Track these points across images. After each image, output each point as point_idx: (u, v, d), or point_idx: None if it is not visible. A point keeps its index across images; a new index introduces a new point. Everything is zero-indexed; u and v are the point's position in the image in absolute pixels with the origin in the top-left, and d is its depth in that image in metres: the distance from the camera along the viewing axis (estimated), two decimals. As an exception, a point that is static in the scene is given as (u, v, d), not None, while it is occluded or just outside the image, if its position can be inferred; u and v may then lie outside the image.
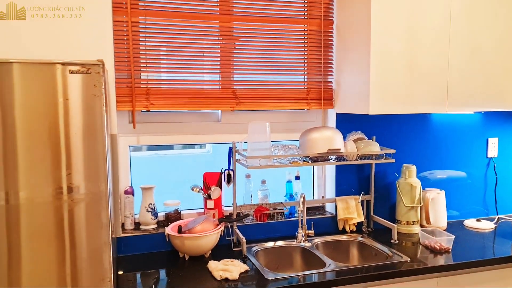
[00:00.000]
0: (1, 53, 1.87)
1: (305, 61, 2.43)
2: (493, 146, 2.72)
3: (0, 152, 1.47)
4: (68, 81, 1.52)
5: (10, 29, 1.89)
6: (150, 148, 3.33)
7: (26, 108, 1.49)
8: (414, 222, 2.40)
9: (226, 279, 1.83)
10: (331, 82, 2.48)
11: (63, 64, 1.51)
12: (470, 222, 2.56)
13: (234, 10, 2.28)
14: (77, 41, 1.97)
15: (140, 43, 2.15)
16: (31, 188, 1.51)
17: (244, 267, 1.91)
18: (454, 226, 2.52)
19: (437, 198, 2.46)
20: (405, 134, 2.56)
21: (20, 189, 1.51)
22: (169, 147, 3.53)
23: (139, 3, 2.13)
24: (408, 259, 2.02)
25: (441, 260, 2.02)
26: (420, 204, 2.40)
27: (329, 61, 2.47)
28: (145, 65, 2.17)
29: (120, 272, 1.95)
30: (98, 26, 1.99)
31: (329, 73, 2.47)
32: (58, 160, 1.53)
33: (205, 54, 2.28)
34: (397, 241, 2.27)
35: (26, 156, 1.50)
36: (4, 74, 1.46)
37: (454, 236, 2.15)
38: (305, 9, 2.39)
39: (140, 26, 2.14)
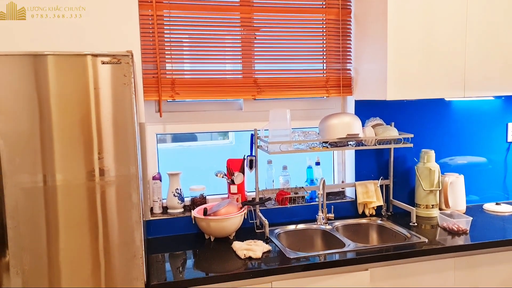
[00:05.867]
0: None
1: (324, 49, 2.49)
2: (513, 131, 2.73)
3: (37, 138, 1.59)
4: (98, 71, 1.62)
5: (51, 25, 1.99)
6: (175, 139, 3.45)
7: (60, 97, 1.60)
8: (433, 205, 2.44)
9: (250, 258, 1.93)
10: (349, 69, 2.53)
11: (95, 55, 1.62)
12: (489, 206, 2.58)
13: (254, 1, 2.36)
14: (107, 35, 2.08)
15: (165, 35, 2.25)
16: (66, 171, 1.63)
17: (266, 247, 2.01)
18: (473, 210, 2.55)
19: (456, 182, 2.49)
20: (424, 120, 2.60)
21: (56, 172, 1.63)
22: (193, 138, 3.65)
23: (164, -3, 2.23)
24: (426, 240, 2.07)
25: (458, 241, 2.06)
26: (439, 188, 2.44)
27: (348, 49, 2.52)
28: (170, 57, 2.28)
29: (150, 254, 2.07)
30: (126, 20, 2.10)
31: (347, 61, 2.53)
32: (90, 145, 1.65)
33: (227, 45, 2.37)
34: (416, 224, 2.32)
35: (61, 141, 1.62)
36: (40, 66, 1.57)
37: (471, 218, 2.19)
38: (323, -1, 2.45)
39: (164, 19, 2.25)
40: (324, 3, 2.46)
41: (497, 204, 2.59)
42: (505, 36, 2.30)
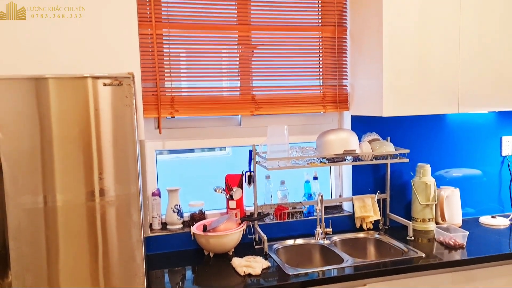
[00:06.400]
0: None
1: (321, 66, 2.53)
2: (507, 145, 2.77)
3: (38, 159, 1.61)
4: (99, 93, 1.65)
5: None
6: (172, 151, 3.47)
7: (61, 119, 1.63)
8: (429, 219, 2.47)
9: (249, 275, 1.95)
10: (346, 85, 2.58)
11: (96, 77, 1.65)
12: (485, 219, 2.61)
13: (252, 20, 2.40)
14: (108, 55, 2.10)
15: (164, 54, 2.29)
16: (66, 192, 1.65)
17: (266, 263, 2.03)
18: (470, 223, 2.58)
19: (452, 196, 2.52)
20: (419, 134, 2.64)
21: (56, 192, 1.64)
22: (190, 149, 3.67)
23: (163, 17, 2.26)
24: (423, 255, 2.10)
25: (455, 256, 2.09)
26: (435, 202, 2.48)
27: (344, 66, 2.56)
28: (169, 74, 2.31)
29: (149, 270, 2.09)
30: (126, 40, 2.13)
31: (343, 77, 2.57)
32: (91, 165, 1.67)
33: (225, 62, 2.40)
34: (413, 238, 2.35)
35: (62, 162, 1.64)
36: (41, 88, 1.60)
37: (468, 232, 2.22)
38: (320, 17, 2.50)
39: (163, 37, 2.28)
40: (320, 21, 2.50)
41: (492, 217, 2.62)
42: (497, 53, 2.35)
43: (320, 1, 2.49)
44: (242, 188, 2.40)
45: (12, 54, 2.02)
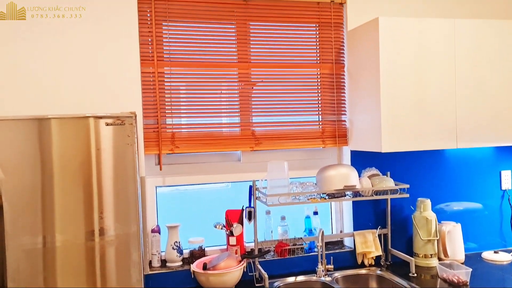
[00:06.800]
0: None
1: (319, 102, 2.57)
2: (506, 179, 2.77)
3: (39, 199, 1.62)
4: (101, 132, 1.67)
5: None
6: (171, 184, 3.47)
7: (63, 158, 1.64)
8: (431, 255, 2.45)
9: (250, 314, 1.91)
10: (344, 121, 2.60)
11: (98, 117, 1.67)
12: (487, 254, 2.59)
13: (252, 57, 2.45)
14: (111, 92, 2.15)
15: (166, 91, 2.32)
16: (66, 231, 1.64)
17: (267, 303, 1.99)
18: (472, 259, 2.56)
19: (453, 231, 2.51)
20: (419, 168, 2.65)
21: (56, 232, 1.64)
22: (190, 182, 3.67)
23: (164, 55, 2.31)
24: (427, 293, 2.07)
25: (459, 293, 2.07)
26: (437, 237, 2.46)
27: (342, 101, 2.60)
28: (170, 111, 2.34)
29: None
30: (129, 79, 2.18)
31: (342, 112, 2.60)
32: (91, 204, 1.67)
33: (225, 99, 2.44)
34: (415, 275, 2.32)
35: (62, 202, 1.64)
36: (44, 129, 1.62)
37: (471, 269, 2.19)
38: (318, 54, 2.55)
39: (165, 75, 2.32)
40: (318, 58, 2.56)
41: (495, 252, 2.60)
42: (493, 89, 2.38)
43: (318, 39, 2.55)
44: (242, 224, 2.39)
45: (16, 97, 2.05)
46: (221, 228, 2.38)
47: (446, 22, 2.31)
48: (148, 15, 2.27)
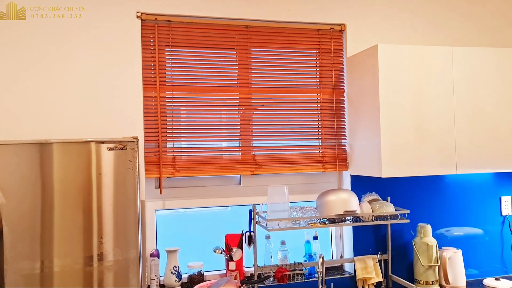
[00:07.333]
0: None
1: (319, 126, 2.59)
2: (506, 205, 2.77)
3: (38, 223, 1.61)
4: (103, 157, 1.68)
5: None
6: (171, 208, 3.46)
7: (64, 183, 1.65)
8: (432, 281, 2.43)
9: None
10: (344, 145, 2.62)
11: (100, 142, 1.68)
12: (489, 281, 2.56)
13: (252, 82, 2.49)
14: (113, 118, 2.16)
15: (167, 115, 2.34)
16: (64, 256, 1.63)
17: (266, 330, 1.97)
18: (474, 285, 2.53)
19: (454, 257, 2.49)
20: (419, 193, 2.65)
21: (54, 257, 1.63)
22: (190, 205, 3.66)
23: (167, 80, 2.34)
24: (428, 321, 2.04)
25: (461, 322, 2.04)
26: (438, 263, 2.44)
27: (342, 126, 2.62)
28: (171, 135, 2.35)
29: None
30: (131, 104, 2.20)
31: (342, 137, 2.62)
32: (90, 229, 1.67)
33: (226, 123, 2.46)
34: (416, 302, 2.30)
35: (62, 226, 1.64)
36: (45, 153, 1.63)
37: (473, 297, 2.17)
38: (318, 80, 2.59)
39: (167, 99, 2.35)
40: (318, 83, 2.59)
41: (496, 279, 2.57)
42: (491, 115, 2.40)
43: (318, 65, 2.59)
44: (242, 249, 2.38)
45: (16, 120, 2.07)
46: (221, 253, 2.36)
47: (444, 50, 2.35)
48: (151, 41, 2.31)
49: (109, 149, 1.67)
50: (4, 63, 2.04)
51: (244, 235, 2.38)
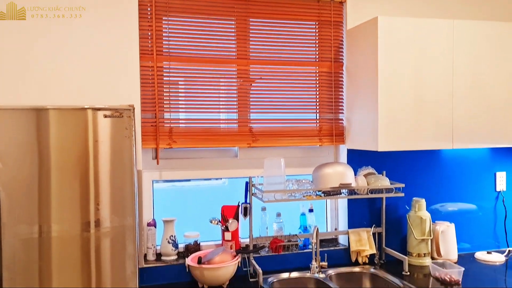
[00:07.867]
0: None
1: (317, 100, 2.58)
2: (501, 180, 2.79)
3: (35, 189, 1.63)
4: (99, 124, 1.68)
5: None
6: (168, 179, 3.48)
7: (60, 149, 1.65)
8: (425, 254, 2.47)
9: (244, 309, 1.92)
10: (342, 119, 2.62)
11: (96, 109, 1.68)
12: (481, 255, 2.61)
13: (251, 54, 2.46)
14: (110, 85, 2.15)
15: (164, 86, 2.33)
16: (62, 222, 1.65)
17: (260, 297, 2.01)
18: (465, 259, 2.58)
19: (447, 231, 2.53)
20: (415, 168, 2.66)
21: (52, 223, 1.65)
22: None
23: (164, 50, 2.32)
24: (419, 291, 2.09)
25: (451, 292, 2.08)
26: (431, 236, 2.48)
27: (340, 100, 2.61)
28: (168, 106, 2.34)
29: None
30: (128, 71, 2.18)
31: (340, 111, 2.61)
32: (87, 195, 1.68)
33: (223, 95, 2.45)
34: (408, 273, 2.34)
35: (59, 193, 1.65)
36: (42, 119, 1.63)
37: (463, 268, 2.21)
38: (317, 52, 2.56)
39: (164, 70, 2.33)
40: (317, 56, 2.57)
41: (488, 252, 2.62)
42: (490, 90, 2.40)
43: (317, 37, 2.56)
44: (237, 220, 2.40)
45: (15, 90, 2.05)
46: (217, 224, 2.39)
47: (445, 23, 2.32)
48: (149, 9, 2.28)
49: (105, 116, 1.67)
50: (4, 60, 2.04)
51: (240, 207, 2.40)
